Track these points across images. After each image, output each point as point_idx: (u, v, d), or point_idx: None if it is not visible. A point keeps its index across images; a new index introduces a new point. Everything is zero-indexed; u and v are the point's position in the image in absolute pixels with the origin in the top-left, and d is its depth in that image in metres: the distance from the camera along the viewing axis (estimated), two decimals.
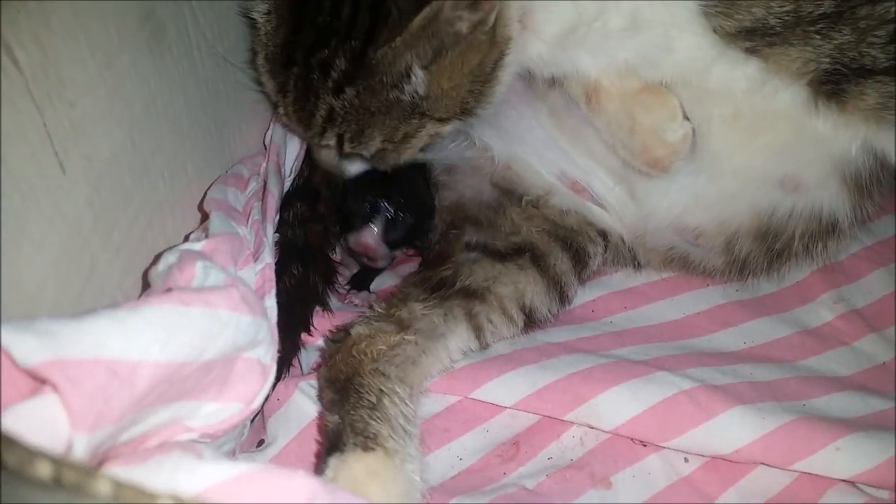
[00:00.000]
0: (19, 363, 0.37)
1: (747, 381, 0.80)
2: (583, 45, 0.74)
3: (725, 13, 0.68)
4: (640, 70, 0.76)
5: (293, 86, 0.74)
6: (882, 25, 0.67)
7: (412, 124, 0.74)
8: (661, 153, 0.78)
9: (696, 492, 0.73)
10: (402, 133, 0.75)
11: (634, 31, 0.72)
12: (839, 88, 0.70)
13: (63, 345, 0.38)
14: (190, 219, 0.77)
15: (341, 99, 0.72)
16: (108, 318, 0.42)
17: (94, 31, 0.60)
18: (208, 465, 0.42)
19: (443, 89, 0.72)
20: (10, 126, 0.50)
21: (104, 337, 0.40)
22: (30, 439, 0.35)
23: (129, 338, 0.42)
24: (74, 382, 0.38)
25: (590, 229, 0.91)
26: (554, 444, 0.76)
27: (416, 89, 0.71)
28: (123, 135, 0.64)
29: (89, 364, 0.39)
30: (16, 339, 0.37)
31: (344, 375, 0.72)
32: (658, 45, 0.73)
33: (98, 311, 0.43)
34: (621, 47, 0.74)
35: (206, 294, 0.49)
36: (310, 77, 0.72)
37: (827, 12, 0.67)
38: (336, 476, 0.61)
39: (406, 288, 0.85)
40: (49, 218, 0.54)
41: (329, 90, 0.72)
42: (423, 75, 0.70)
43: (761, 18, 0.68)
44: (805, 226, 0.83)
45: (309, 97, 0.73)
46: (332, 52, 0.70)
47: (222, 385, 0.53)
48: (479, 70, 0.71)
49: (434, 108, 0.73)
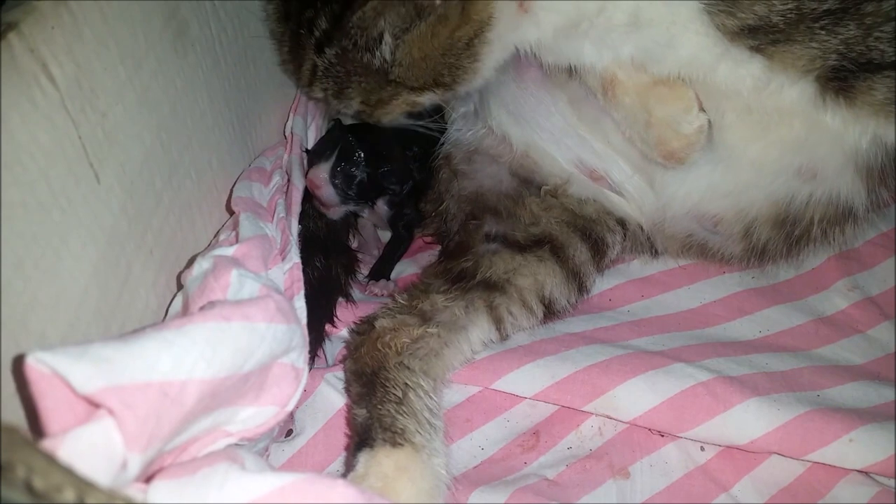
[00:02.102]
0: (77, 390, 0.39)
1: (763, 372, 0.81)
2: (586, 37, 0.74)
3: (728, 12, 0.68)
4: (647, 65, 0.76)
5: (287, 38, 0.80)
6: (889, 21, 0.66)
7: (387, 91, 0.77)
8: (677, 145, 0.78)
9: (711, 480, 0.75)
10: (377, 98, 0.77)
11: (636, 28, 0.72)
12: (847, 84, 0.70)
13: (116, 370, 0.40)
14: (217, 214, 0.78)
15: (322, 58, 0.75)
16: (157, 339, 0.43)
17: (124, 37, 0.61)
18: (254, 476, 0.44)
19: (414, 59, 0.73)
20: (49, 143, 0.51)
21: (154, 360, 0.42)
22: (88, 463, 0.37)
23: (177, 358, 0.43)
24: (129, 406, 0.39)
25: (608, 218, 0.92)
26: (573, 434, 0.78)
27: (384, 56, 0.73)
28: (153, 138, 0.65)
29: (142, 388, 0.41)
30: (73, 367, 0.38)
31: (370, 369, 0.74)
32: (661, 43, 0.73)
33: (146, 333, 0.44)
34: (624, 43, 0.74)
35: (245, 307, 0.50)
36: (299, 32, 0.76)
37: (831, 8, 0.67)
38: (367, 472, 0.63)
39: (427, 279, 0.86)
40: (88, 228, 0.55)
41: (312, 47, 0.75)
42: (391, 42, 0.71)
43: (764, 16, 0.67)
44: (823, 212, 0.84)
45: (298, 51, 0.78)
46: (316, 12, 0.73)
47: (259, 390, 0.55)
48: (450, 44, 0.72)
49: (406, 76, 0.75)
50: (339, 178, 0.88)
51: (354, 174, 0.89)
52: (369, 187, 0.91)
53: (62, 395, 0.39)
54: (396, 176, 0.94)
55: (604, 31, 0.72)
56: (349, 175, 0.89)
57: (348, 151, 0.89)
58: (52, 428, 0.39)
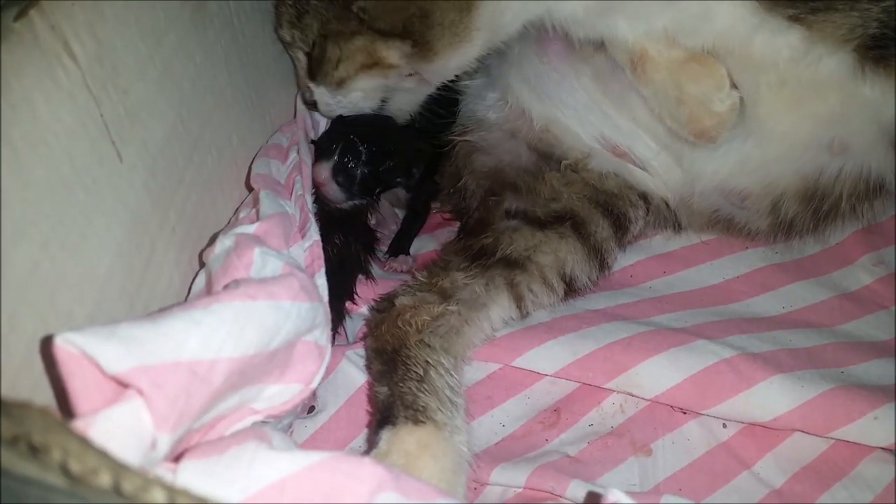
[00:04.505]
0: (106, 370, 0.39)
1: (786, 349, 0.81)
2: (621, 11, 0.72)
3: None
4: (679, 38, 0.74)
5: None
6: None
7: (349, 26, 0.73)
8: (709, 123, 0.77)
9: (733, 457, 0.75)
10: (336, 29, 0.73)
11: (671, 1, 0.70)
12: (888, 52, 0.68)
13: (145, 350, 0.40)
14: (237, 191, 0.78)
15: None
16: (185, 319, 0.43)
17: (144, 12, 0.60)
18: (283, 455, 0.44)
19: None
20: (72, 122, 0.50)
21: (182, 339, 0.42)
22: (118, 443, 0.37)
23: (205, 337, 0.43)
24: (158, 386, 0.39)
25: (630, 193, 0.91)
26: (594, 412, 0.78)
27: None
28: (174, 115, 0.65)
29: (171, 367, 0.41)
30: (102, 347, 0.39)
31: (391, 346, 0.74)
32: (696, 14, 0.71)
33: (173, 312, 0.44)
34: (659, 14, 0.72)
35: (269, 286, 0.50)
36: None
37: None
38: (390, 449, 0.64)
39: (447, 256, 0.86)
40: (112, 207, 0.55)
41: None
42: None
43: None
44: (852, 187, 0.82)
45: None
46: None
47: (284, 368, 0.55)
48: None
49: (373, 11, 0.71)
50: (341, 176, 0.87)
51: (356, 172, 0.88)
52: (372, 184, 0.91)
53: (91, 376, 0.39)
54: (401, 170, 0.92)
55: (638, 4, 0.71)
56: (351, 173, 0.88)
57: (350, 149, 0.88)
58: (81, 408, 0.40)
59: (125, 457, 0.34)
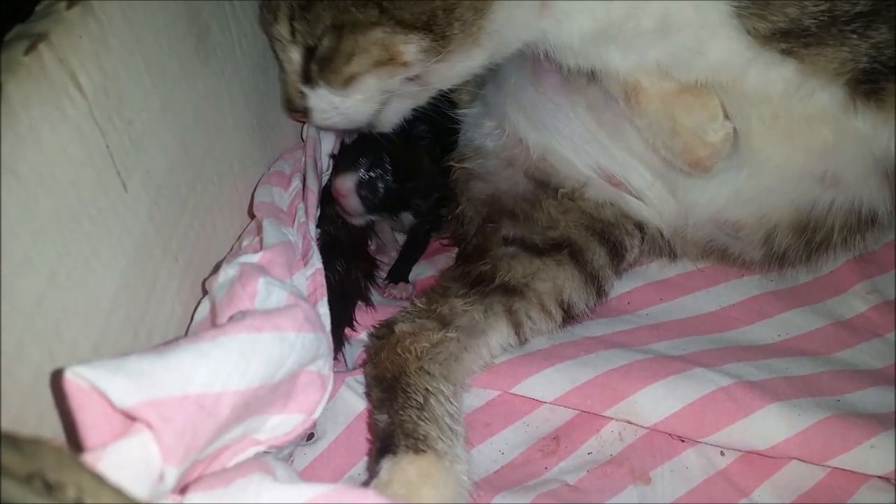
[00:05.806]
0: (115, 404, 0.39)
1: (783, 377, 0.81)
2: (613, 42, 0.73)
3: (759, 14, 0.67)
4: (672, 71, 0.75)
5: None
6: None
7: (367, 14, 0.69)
8: (703, 154, 0.78)
9: (731, 485, 0.75)
10: (354, 21, 0.70)
11: (665, 34, 0.71)
12: (878, 87, 0.69)
13: (154, 384, 0.40)
14: (237, 218, 0.78)
15: None
16: (192, 352, 0.44)
17: (148, 43, 0.61)
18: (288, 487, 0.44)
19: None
20: (78, 152, 0.51)
21: (190, 373, 0.42)
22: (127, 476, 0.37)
23: (213, 370, 0.43)
24: (166, 420, 0.39)
25: (626, 222, 0.92)
26: (593, 439, 0.78)
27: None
28: (177, 144, 0.65)
29: (178, 401, 0.41)
30: (111, 381, 0.39)
31: (390, 374, 0.74)
32: (689, 48, 0.72)
33: (180, 345, 0.44)
34: (652, 48, 0.73)
35: (275, 318, 0.51)
36: None
37: (863, 11, 0.66)
38: (391, 478, 0.64)
39: (446, 282, 0.86)
40: (116, 237, 0.55)
41: None
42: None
43: (796, 19, 0.67)
44: (845, 219, 0.83)
45: None
46: None
47: (287, 398, 0.55)
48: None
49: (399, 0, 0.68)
50: (365, 189, 0.87)
51: (381, 187, 0.88)
52: (395, 201, 0.91)
53: (100, 409, 0.39)
54: (423, 192, 0.93)
55: (631, 37, 0.71)
56: (376, 188, 0.88)
57: (378, 163, 0.87)
58: (90, 441, 0.40)
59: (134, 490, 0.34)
